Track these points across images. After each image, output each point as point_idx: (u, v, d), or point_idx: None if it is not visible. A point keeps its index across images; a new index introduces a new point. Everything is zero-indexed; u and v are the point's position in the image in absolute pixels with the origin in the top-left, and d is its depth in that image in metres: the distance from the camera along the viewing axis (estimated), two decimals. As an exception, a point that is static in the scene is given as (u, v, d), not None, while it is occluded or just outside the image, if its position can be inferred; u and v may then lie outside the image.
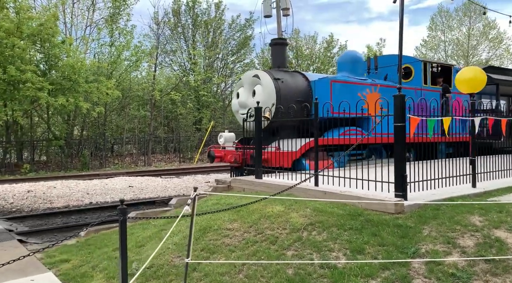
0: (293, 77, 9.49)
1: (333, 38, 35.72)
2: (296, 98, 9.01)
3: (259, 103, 8.69)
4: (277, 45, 9.99)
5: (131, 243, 4.82)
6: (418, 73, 10.77)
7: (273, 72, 9.23)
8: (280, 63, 9.77)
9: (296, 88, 9.31)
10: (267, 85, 8.93)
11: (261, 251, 4.06)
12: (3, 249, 5.01)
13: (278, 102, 8.78)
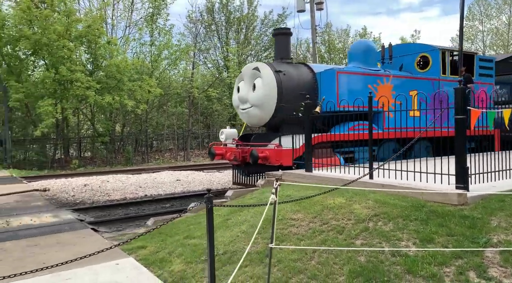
0: (297, 69, 8.94)
1: (366, 31, 35.32)
2: (300, 91, 8.54)
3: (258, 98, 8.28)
4: (280, 35, 9.41)
5: (201, 231, 5.11)
6: (436, 63, 10.03)
7: (274, 64, 8.73)
8: (283, 54, 9.19)
9: (300, 80, 8.77)
10: (267, 78, 8.39)
11: (329, 240, 4.23)
12: (82, 237, 5.42)
13: (279, 96, 8.35)
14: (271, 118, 8.56)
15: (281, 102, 8.37)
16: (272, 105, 8.41)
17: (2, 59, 15.23)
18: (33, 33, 13.97)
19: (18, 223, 6.21)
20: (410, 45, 11.26)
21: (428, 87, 9.66)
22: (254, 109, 8.59)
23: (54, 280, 3.91)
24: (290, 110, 8.42)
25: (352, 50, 10.23)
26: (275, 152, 7.64)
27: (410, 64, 10.34)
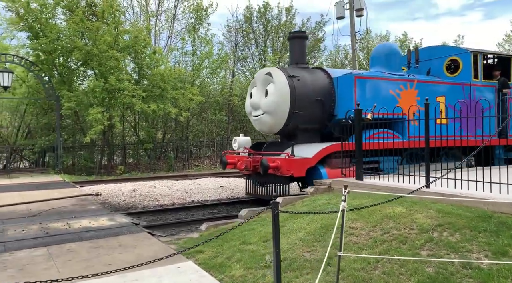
0: (312, 74, 8.56)
1: (407, 37, 34.53)
2: (316, 97, 8.25)
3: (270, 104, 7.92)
4: (295, 39, 8.94)
5: (256, 237, 5.14)
6: (466, 67, 9.41)
7: (288, 69, 8.39)
8: (298, 59, 8.78)
9: (316, 86, 8.39)
10: (280, 84, 8.05)
11: (393, 249, 4.13)
12: (140, 240, 5.58)
13: (293, 102, 8.00)
14: (284, 126, 8.23)
15: (294, 109, 8.05)
16: (284, 112, 8.08)
17: (55, 70, 16.06)
18: (84, 45, 14.67)
19: (78, 225, 6.49)
20: (438, 48, 10.47)
21: (458, 92, 9.17)
22: (266, 116, 8.28)
23: (121, 281, 4.04)
24: (305, 117, 8.12)
25: (374, 53, 9.74)
26: (286, 161, 7.28)
27: (439, 68, 9.82)
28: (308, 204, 6.23)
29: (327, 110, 8.48)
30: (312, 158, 7.41)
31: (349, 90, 8.19)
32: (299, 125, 8.21)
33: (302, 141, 8.14)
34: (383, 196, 5.39)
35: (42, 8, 14.91)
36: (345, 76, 8.41)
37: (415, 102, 8.49)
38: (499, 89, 9.58)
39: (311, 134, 8.46)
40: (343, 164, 7.59)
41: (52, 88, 15.29)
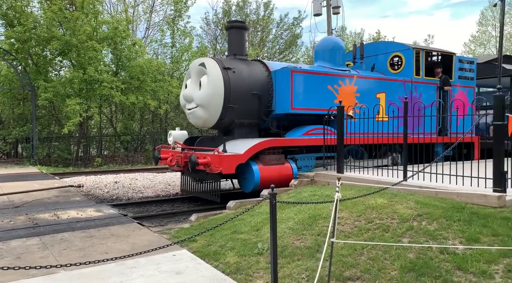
0: (250, 67, 8.24)
1: (380, 35, 35.44)
2: (252, 91, 7.98)
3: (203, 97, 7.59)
4: (233, 29, 8.50)
5: (247, 227, 5.37)
6: (409, 63, 9.44)
7: (224, 61, 8.00)
8: (236, 50, 8.39)
9: (253, 79, 8.07)
10: (214, 76, 7.68)
11: (377, 237, 4.47)
12: (132, 230, 5.71)
13: (227, 95, 7.71)
14: (218, 120, 7.91)
15: (229, 103, 7.76)
16: (218, 105, 7.74)
17: (30, 59, 15.65)
18: (63, 35, 14.38)
19: (66, 216, 6.53)
20: (382, 44, 10.57)
21: (399, 89, 9.29)
22: (200, 110, 7.90)
23: (120, 269, 4.18)
24: (241, 111, 7.89)
25: (318, 48, 9.47)
26: (215, 157, 6.98)
27: (383, 65, 9.84)
28: (294, 196, 6.51)
29: (265, 105, 8.22)
30: (243, 154, 7.09)
31: (286, 84, 7.93)
32: (235, 119, 7.92)
33: (239, 136, 7.89)
34: (365, 188, 5.76)
35: (18, -5, 14.49)
36: (282, 70, 8.13)
37: (354, 98, 8.62)
38: (441, 87, 9.76)
39: (248, 129, 8.18)
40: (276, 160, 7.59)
41: (28, 78, 14.91)
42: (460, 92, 10.10)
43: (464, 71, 10.33)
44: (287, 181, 7.65)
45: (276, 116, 8.40)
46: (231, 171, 6.96)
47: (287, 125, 8.52)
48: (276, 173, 7.54)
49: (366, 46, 10.38)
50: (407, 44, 9.74)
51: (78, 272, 4.01)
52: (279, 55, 30.06)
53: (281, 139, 7.70)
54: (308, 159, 8.35)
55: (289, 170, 7.74)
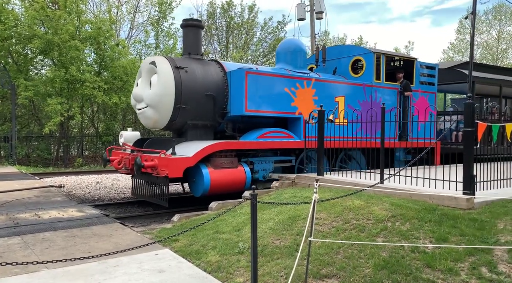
0: (204, 67, 7.99)
1: (362, 40, 36.14)
2: (205, 91, 7.76)
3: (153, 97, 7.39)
4: (188, 27, 8.23)
5: (229, 227, 5.51)
6: (369, 67, 9.38)
7: (176, 60, 7.74)
8: (192, 49, 8.14)
9: (207, 80, 7.85)
10: (164, 75, 7.42)
11: (353, 237, 4.67)
12: (114, 229, 5.77)
13: (178, 96, 7.45)
14: (169, 121, 7.67)
15: (180, 103, 7.53)
16: (168, 106, 7.49)
17: (10, 57, 15.43)
18: (45, 33, 14.24)
19: (47, 216, 6.53)
20: (345, 47, 10.50)
21: (358, 93, 9.30)
22: (149, 110, 7.65)
23: (103, 267, 4.26)
24: (193, 112, 7.69)
25: (279, 50, 9.35)
26: (162, 160, 6.75)
27: (345, 68, 9.83)
28: (275, 197, 6.68)
29: (220, 106, 8.02)
30: (191, 157, 6.83)
31: (240, 86, 7.73)
32: (187, 121, 7.69)
33: (192, 138, 7.69)
34: (344, 190, 5.97)
35: (-2, -7, 14.27)
36: (237, 71, 7.92)
37: (311, 101, 8.61)
38: (401, 92, 9.81)
39: (203, 131, 7.97)
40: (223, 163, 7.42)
41: (7, 76, 14.68)
42: (422, 97, 10.15)
43: (426, 76, 10.40)
44: (240, 184, 7.52)
45: (231, 119, 8.23)
46: (179, 175, 6.68)
47: (243, 127, 8.36)
48: (228, 177, 7.33)
49: (330, 49, 10.42)
50: (367, 48, 9.82)
51: (61, 270, 4.07)
52: (263, 58, 30.31)
53: (234, 142, 7.52)
54: (266, 163, 8.19)
55: (242, 174, 7.53)
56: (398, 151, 9.76)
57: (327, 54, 10.07)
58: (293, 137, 8.35)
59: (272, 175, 8.26)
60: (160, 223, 6.82)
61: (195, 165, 6.98)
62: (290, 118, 8.38)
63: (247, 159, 7.83)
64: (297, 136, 8.51)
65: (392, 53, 10.60)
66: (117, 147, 8.57)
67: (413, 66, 10.05)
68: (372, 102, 9.38)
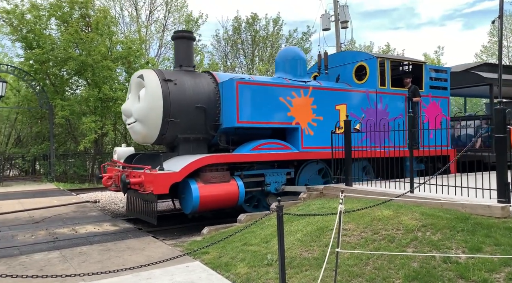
0: (195, 79, 7.81)
1: (390, 47, 35.68)
2: (196, 104, 7.55)
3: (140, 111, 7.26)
4: (178, 39, 8.10)
5: (257, 239, 5.56)
6: (373, 73, 9.00)
7: (165, 72, 7.63)
8: (183, 61, 7.98)
9: (198, 91, 7.64)
10: (152, 89, 7.25)
11: (382, 248, 4.61)
12: (147, 243, 5.94)
13: (166, 109, 7.26)
14: (159, 136, 7.48)
15: (168, 117, 7.33)
16: (157, 120, 7.31)
17: (48, 79, 16.27)
18: (79, 55, 14.96)
19: (84, 230, 6.81)
20: (349, 54, 10.21)
21: (362, 100, 8.90)
22: (138, 125, 7.49)
23: (136, 279, 4.40)
24: (183, 126, 7.50)
25: (278, 59, 9.09)
26: (147, 176, 6.57)
27: (348, 75, 9.48)
28: (302, 209, 6.69)
29: (212, 118, 7.81)
30: (178, 172, 6.60)
31: (232, 96, 7.48)
32: (178, 135, 7.50)
33: (184, 152, 7.48)
34: (373, 200, 5.91)
35: (37, 19, 15.15)
36: (228, 82, 7.70)
37: (310, 110, 8.27)
38: (409, 98, 9.36)
39: (195, 144, 7.74)
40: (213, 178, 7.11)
41: (45, 97, 15.48)
42: (433, 103, 9.71)
43: (437, 81, 9.94)
44: (233, 200, 7.23)
45: (225, 131, 7.96)
46: (165, 191, 6.45)
47: (237, 140, 8.07)
48: (219, 192, 7.04)
49: (334, 56, 10.17)
50: (371, 53, 9.43)
51: (97, 283, 4.24)
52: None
53: (224, 155, 7.23)
54: (278, 175, 7.97)
55: (234, 188, 7.21)
56: (408, 160, 9.40)
57: (331, 61, 9.82)
58: (290, 149, 8.03)
59: (285, 188, 8.06)
60: (191, 235, 6.96)
61: (183, 180, 6.75)
62: (288, 128, 8.08)
63: (241, 173, 7.54)
64: (295, 147, 8.17)
65: (398, 57, 10.34)
66: (111, 163, 8.48)
67: (422, 71, 9.63)
68: (378, 110, 9.01)
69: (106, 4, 19.99)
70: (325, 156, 8.27)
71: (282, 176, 8.05)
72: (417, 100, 9.30)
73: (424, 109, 9.44)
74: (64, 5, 15.51)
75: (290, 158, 7.95)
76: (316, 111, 8.29)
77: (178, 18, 22.64)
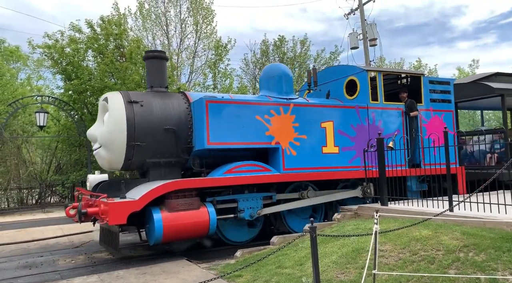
0: (165, 100, 7.36)
1: (421, 63, 35.08)
2: (164, 125, 7.12)
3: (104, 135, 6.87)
4: (149, 59, 7.73)
5: (291, 261, 5.48)
6: (363, 88, 8.40)
7: (132, 94, 7.21)
8: (154, 82, 7.60)
9: (167, 113, 7.21)
10: (115, 111, 6.87)
11: (422, 269, 4.43)
12: (181, 266, 5.98)
13: (131, 132, 6.84)
14: (125, 161, 6.98)
15: (133, 141, 6.90)
16: (121, 144, 6.86)
17: (85, 108, 17.04)
18: (114, 84, 15.62)
19: (120, 254, 6.93)
20: (338, 68, 9.71)
21: (351, 117, 8.31)
22: (102, 150, 7.06)
23: (171, 303, 4.42)
24: (152, 150, 7.05)
25: (261, 76, 8.62)
26: (105, 205, 6.13)
27: (339, 90, 8.88)
28: (337, 230, 6.55)
29: (184, 141, 7.32)
30: (137, 200, 6.13)
31: (201, 117, 6.98)
32: (147, 159, 7.05)
33: (155, 178, 7.04)
34: (410, 219, 5.72)
35: (75, 52, 16.02)
36: (198, 101, 7.18)
37: (291, 129, 7.71)
38: (406, 113, 8.78)
39: (168, 169, 7.27)
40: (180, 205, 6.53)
41: (83, 125, 16.16)
42: (435, 117, 9.04)
43: (438, 93, 9.30)
44: (202, 228, 6.66)
45: (198, 153, 7.40)
46: (121, 221, 6.00)
47: (212, 162, 7.55)
48: (185, 220, 6.48)
49: (324, 72, 9.75)
50: (360, 67, 8.89)
51: (133, 307, 4.29)
52: (317, 89, 30.47)
53: (191, 180, 6.78)
54: (252, 200, 7.39)
55: (204, 216, 6.61)
56: (409, 180, 8.60)
57: (323, 77, 9.33)
58: (270, 171, 7.43)
59: (261, 212, 7.48)
60: (224, 258, 6.93)
61: (146, 208, 6.33)
62: (269, 149, 7.56)
63: (213, 198, 7.03)
64: (275, 169, 7.55)
65: (391, 70, 9.64)
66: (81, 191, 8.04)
67: (420, 83, 8.99)
68: (370, 126, 8.41)
69: (139, 34, 20.90)
70: (311, 177, 7.81)
71: (258, 200, 7.42)
72: (414, 115, 8.74)
73: (425, 124, 8.86)
74: (100, 37, 16.34)
75: (268, 180, 7.30)
76: (298, 129, 7.73)
77: (208, 44, 23.31)
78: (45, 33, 16.38)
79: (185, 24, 22.89)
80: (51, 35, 16.30)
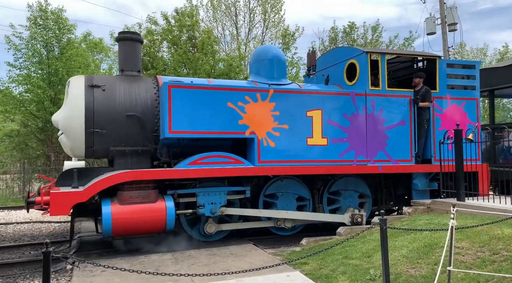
0: (132, 84, 6.88)
1: (508, 49, 31.98)
2: (127, 112, 6.64)
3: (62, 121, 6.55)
4: (121, 42, 7.23)
5: (358, 253, 5.41)
6: (363, 72, 7.41)
7: (95, 78, 6.82)
8: (126, 65, 7.12)
9: (132, 98, 6.74)
10: (74, 96, 6.54)
11: (504, 270, 4.14)
12: (248, 250, 6.17)
13: (89, 118, 6.45)
14: (87, 148, 6.58)
15: (92, 127, 6.50)
16: (79, 130, 6.49)
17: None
18: (186, 74, 16.31)
19: (192, 235, 7.31)
20: (339, 51, 8.74)
21: (346, 105, 7.31)
22: (63, 136, 6.71)
23: (239, 284, 4.59)
24: (114, 137, 6.63)
25: (251, 60, 7.93)
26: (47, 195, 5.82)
27: (339, 75, 7.95)
28: (407, 224, 6.31)
29: (150, 129, 6.81)
30: (82, 190, 5.80)
31: (164, 103, 6.43)
32: (110, 147, 6.63)
33: (121, 167, 6.64)
34: (490, 217, 5.34)
35: (151, 43, 16.94)
36: (162, 87, 6.56)
37: (270, 118, 6.86)
38: (414, 101, 7.65)
39: (135, 158, 6.80)
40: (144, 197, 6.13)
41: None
42: (453, 106, 7.89)
43: (459, 78, 8.10)
44: (158, 224, 6.13)
45: (166, 143, 6.85)
46: (64, 213, 5.71)
47: (180, 153, 7.04)
48: (138, 214, 6.02)
49: (326, 55, 8.89)
50: (360, 48, 7.81)
51: (205, 284, 4.54)
52: (389, 78, 29.23)
53: (146, 171, 6.25)
54: (215, 195, 6.75)
55: (159, 210, 6.11)
56: (416, 177, 7.81)
57: (324, 61, 8.54)
58: (243, 163, 6.71)
59: (225, 210, 6.80)
60: (289, 246, 7.01)
61: (92, 200, 6.03)
62: (244, 139, 6.87)
63: (174, 192, 6.50)
64: (249, 161, 6.84)
65: (398, 51, 8.23)
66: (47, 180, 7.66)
67: (436, 67, 7.84)
68: (368, 116, 7.40)
69: (210, 25, 21.50)
70: (290, 171, 6.96)
71: (222, 195, 6.77)
72: (424, 106, 7.63)
73: (439, 114, 7.82)
74: (174, 29, 17.10)
75: (235, 174, 6.60)
76: (278, 118, 6.90)
77: (275, 33, 23.30)
78: (125, 25, 17.54)
79: (253, 13, 23.13)
80: (130, 27, 17.39)
